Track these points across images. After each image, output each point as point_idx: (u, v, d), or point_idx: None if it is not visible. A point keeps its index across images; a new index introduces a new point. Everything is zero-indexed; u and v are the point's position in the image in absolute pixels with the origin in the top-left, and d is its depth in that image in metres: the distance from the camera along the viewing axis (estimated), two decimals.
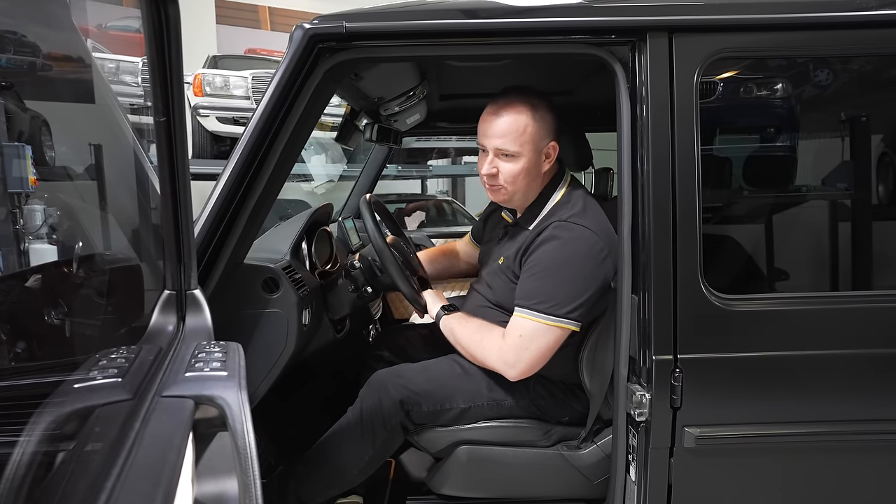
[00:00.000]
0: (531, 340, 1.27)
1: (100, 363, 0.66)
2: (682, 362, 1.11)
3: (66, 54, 1.51)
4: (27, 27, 1.53)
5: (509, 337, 1.30)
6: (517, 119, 1.30)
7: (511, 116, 1.30)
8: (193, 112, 4.95)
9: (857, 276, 1.39)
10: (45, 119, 2.57)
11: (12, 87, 2.41)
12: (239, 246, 1.16)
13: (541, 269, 1.29)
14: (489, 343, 1.32)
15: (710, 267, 1.11)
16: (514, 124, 1.30)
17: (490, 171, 1.34)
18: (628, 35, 1.10)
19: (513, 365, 1.29)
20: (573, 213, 1.32)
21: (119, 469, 0.47)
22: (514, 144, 1.30)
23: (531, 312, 1.27)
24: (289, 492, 1.41)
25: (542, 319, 1.25)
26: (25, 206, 2.66)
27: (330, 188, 6.03)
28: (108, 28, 5.44)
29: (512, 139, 1.30)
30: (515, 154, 1.31)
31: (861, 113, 1.37)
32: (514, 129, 1.30)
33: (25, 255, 2.52)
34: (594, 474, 1.36)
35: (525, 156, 1.32)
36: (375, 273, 1.49)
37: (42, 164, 2.50)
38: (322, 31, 1.09)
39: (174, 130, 0.74)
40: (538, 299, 1.26)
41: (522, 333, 1.27)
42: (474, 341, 1.35)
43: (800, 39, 1.10)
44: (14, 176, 2.62)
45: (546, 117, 1.33)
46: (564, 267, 1.27)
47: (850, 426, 1.14)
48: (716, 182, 1.48)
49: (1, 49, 1.73)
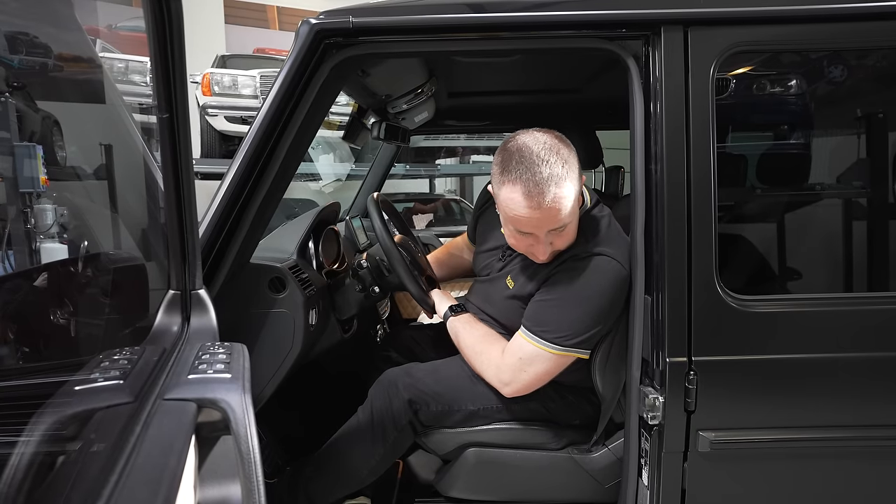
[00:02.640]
0: (530, 364, 1.24)
1: (102, 364, 0.65)
2: (696, 364, 1.08)
3: (71, 54, 1.51)
4: (30, 26, 1.53)
5: (508, 356, 1.27)
6: (560, 201, 1.11)
7: (554, 203, 1.10)
8: (202, 111, 4.98)
9: (877, 276, 1.35)
10: (55, 119, 2.59)
11: (24, 88, 2.43)
12: (245, 245, 1.15)
13: (557, 298, 1.22)
14: (488, 357, 1.30)
15: (726, 267, 1.09)
16: (558, 208, 1.11)
17: (542, 250, 1.19)
18: (642, 29, 1.08)
19: (507, 384, 1.27)
20: (596, 239, 1.23)
21: (118, 475, 0.46)
22: (564, 220, 1.14)
23: (536, 339, 1.22)
24: (299, 492, 1.40)
25: (547, 348, 1.21)
26: (36, 205, 2.68)
27: (338, 187, 6.04)
28: (117, 28, 5.48)
29: (561, 218, 1.14)
30: (568, 220, 1.16)
31: (884, 109, 1.33)
32: (560, 210, 1.12)
33: (37, 253, 2.54)
34: (605, 478, 1.34)
35: (573, 215, 1.17)
36: (383, 273, 1.47)
37: (53, 163, 2.52)
38: (328, 26, 1.07)
39: (177, 127, 0.72)
40: (547, 328, 1.21)
41: (523, 356, 1.24)
42: (475, 352, 1.33)
43: (821, 32, 1.07)
44: (25, 176, 2.64)
45: (570, 161, 1.14)
46: (585, 301, 1.19)
47: (869, 431, 1.11)
48: (731, 180, 1.45)
49: (13, 50, 1.73)
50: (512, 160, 1.13)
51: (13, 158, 2.63)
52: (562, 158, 1.12)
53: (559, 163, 1.11)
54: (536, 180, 1.10)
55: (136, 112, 3.95)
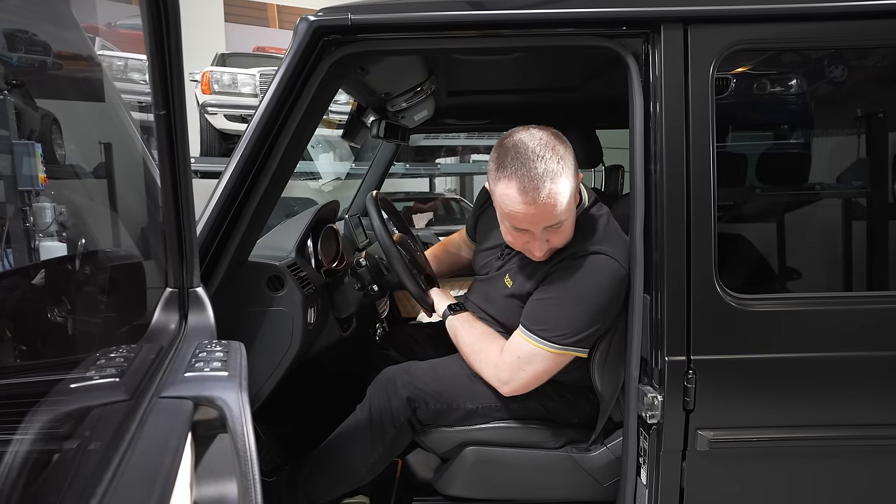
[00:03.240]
0: (528, 363, 1.24)
1: (98, 362, 0.64)
2: (695, 363, 1.08)
3: (70, 52, 1.51)
4: (29, 24, 1.53)
5: (507, 354, 1.26)
6: (555, 197, 1.11)
7: (549, 199, 1.11)
8: (202, 110, 4.97)
9: (877, 275, 1.35)
10: (55, 117, 2.58)
11: (23, 86, 2.42)
12: (243, 243, 1.14)
13: (555, 297, 1.21)
14: (487, 356, 1.30)
15: (725, 266, 1.08)
16: (553, 203, 1.11)
17: (540, 248, 1.19)
18: (641, 27, 1.07)
19: (506, 382, 1.27)
20: (594, 237, 1.23)
21: (112, 473, 0.46)
22: (560, 216, 1.15)
23: (534, 337, 1.22)
24: (297, 490, 1.40)
25: (545, 346, 1.21)
26: (35, 203, 2.68)
27: (337, 186, 6.03)
28: (117, 26, 5.47)
29: (556, 214, 1.14)
30: (564, 217, 1.16)
31: (885, 109, 1.33)
32: (556, 206, 1.12)
33: (36, 252, 2.53)
34: (604, 477, 1.34)
35: (570, 212, 1.18)
36: (382, 271, 1.47)
37: (52, 162, 2.51)
38: (327, 23, 1.07)
39: (174, 124, 0.72)
40: (545, 327, 1.21)
41: (521, 355, 1.24)
42: (473, 350, 1.33)
43: (822, 30, 1.07)
44: (24, 174, 2.63)
45: (566, 157, 1.14)
46: (583, 299, 1.19)
47: (869, 430, 1.11)
48: (731, 179, 1.45)
49: (12, 48, 1.73)
50: (507, 156, 1.13)
51: (12, 156, 2.62)
52: (557, 154, 1.12)
53: (554, 159, 1.11)
54: (531, 175, 1.10)
55: (135, 110, 3.94)
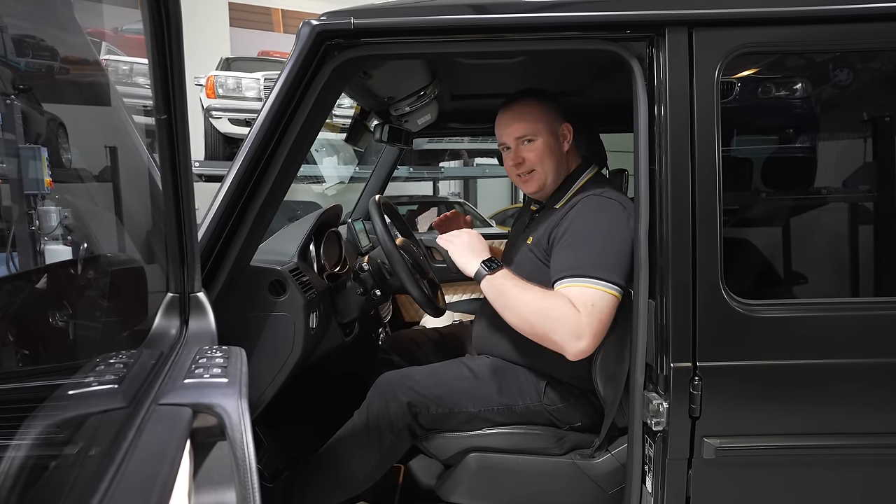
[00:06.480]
0: (600, 310, 1.18)
1: (97, 368, 0.64)
2: (701, 370, 1.06)
3: (76, 57, 1.51)
4: (35, 30, 1.54)
5: (580, 306, 1.17)
6: (527, 106, 1.42)
7: (520, 106, 1.43)
8: (206, 114, 4.99)
9: (885, 281, 1.33)
10: (61, 121, 2.59)
11: (30, 90, 2.43)
12: (245, 248, 1.14)
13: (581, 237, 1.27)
14: (561, 312, 1.17)
15: (731, 271, 1.07)
16: (525, 110, 1.41)
17: (517, 161, 1.41)
18: (646, 30, 1.07)
19: (582, 337, 1.17)
20: (598, 189, 1.37)
21: (108, 483, 0.45)
22: (530, 127, 1.40)
23: (592, 281, 1.19)
24: (294, 496, 1.39)
25: (603, 287, 1.18)
26: (41, 207, 2.69)
27: (341, 190, 6.04)
28: (123, 31, 5.50)
29: (527, 122, 1.40)
30: (534, 136, 1.40)
31: (892, 112, 1.31)
32: (526, 113, 1.41)
33: (41, 255, 2.54)
34: (608, 484, 1.32)
35: (542, 135, 1.40)
36: (385, 276, 1.46)
37: (58, 165, 2.52)
38: (330, 27, 1.07)
39: (176, 128, 0.71)
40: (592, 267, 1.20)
41: (594, 302, 1.17)
42: (541, 308, 1.19)
43: (828, 33, 1.06)
44: (30, 177, 2.64)
45: (551, 104, 1.44)
46: (607, 233, 1.25)
47: (880, 439, 1.09)
48: (737, 184, 1.43)
49: (20, 53, 1.74)
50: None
51: (18, 160, 2.63)
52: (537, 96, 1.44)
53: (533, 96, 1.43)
54: (513, 99, 1.45)
55: (140, 114, 3.95)
